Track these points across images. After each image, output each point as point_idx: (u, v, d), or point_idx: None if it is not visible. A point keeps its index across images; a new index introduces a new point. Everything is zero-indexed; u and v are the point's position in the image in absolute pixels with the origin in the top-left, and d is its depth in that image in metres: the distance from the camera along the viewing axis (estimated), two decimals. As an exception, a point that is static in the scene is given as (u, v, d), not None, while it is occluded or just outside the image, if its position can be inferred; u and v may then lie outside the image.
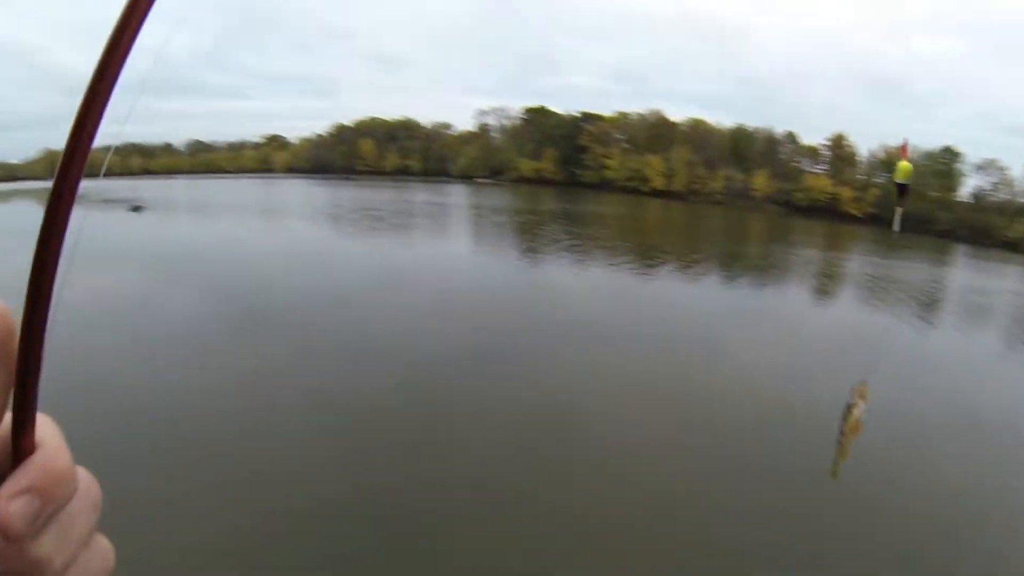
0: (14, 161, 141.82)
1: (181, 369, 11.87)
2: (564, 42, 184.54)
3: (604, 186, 79.69)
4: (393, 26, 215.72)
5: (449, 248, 28.01)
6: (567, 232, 32.09)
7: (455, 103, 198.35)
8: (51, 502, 0.38)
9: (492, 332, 13.74)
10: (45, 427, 0.41)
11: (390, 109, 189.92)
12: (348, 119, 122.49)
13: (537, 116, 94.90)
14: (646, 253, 27.15)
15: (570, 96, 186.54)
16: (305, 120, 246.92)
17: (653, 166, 76.27)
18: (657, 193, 74.02)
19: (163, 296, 18.78)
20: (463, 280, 19.95)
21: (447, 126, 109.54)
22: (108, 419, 9.10)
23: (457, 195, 65.06)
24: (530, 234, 32.53)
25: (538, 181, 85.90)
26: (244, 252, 27.46)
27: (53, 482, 0.38)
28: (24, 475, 0.37)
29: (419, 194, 63.19)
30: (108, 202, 55.26)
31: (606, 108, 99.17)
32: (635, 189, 76.11)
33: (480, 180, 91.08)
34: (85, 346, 12.39)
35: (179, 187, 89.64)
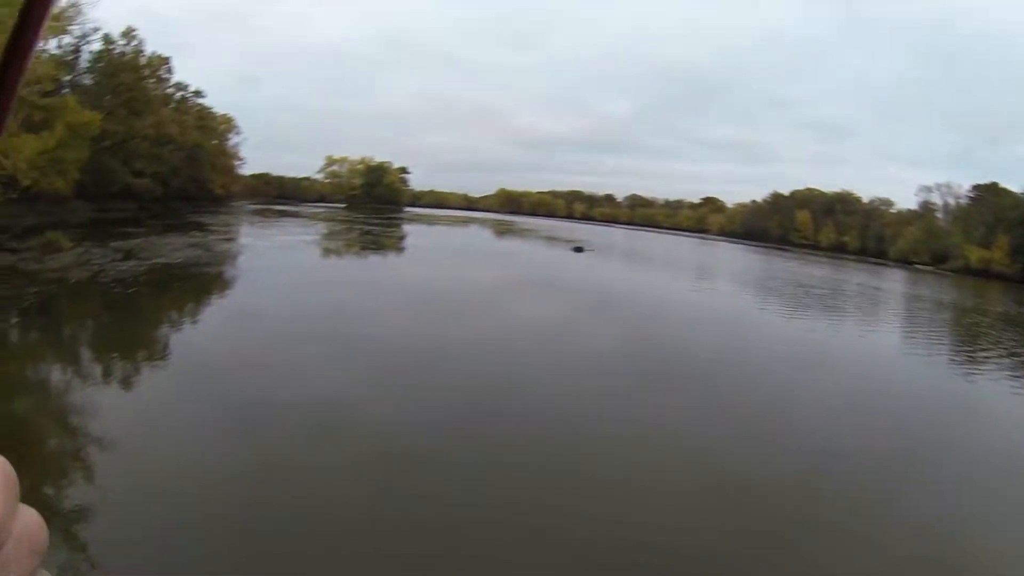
0: (475, 195, 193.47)
1: (593, 399, 12.21)
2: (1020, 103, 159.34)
3: (1070, 285, 64.25)
4: (837, 95, 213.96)
5: (878, 339, 25.72)
6: (1017, 343, 27.78)
7: (897, 176, 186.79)
8: None
9: (904, 441, 11.92)
10: None
11: (827, 179, 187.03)
12: (784, 188, 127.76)
13: (988, 195, 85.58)
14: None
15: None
16: (741, 185, 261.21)
17: None
18: None
19: (586, 326, 20.54)
20: (886, 376, 18.15)
21: (888, 203, 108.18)
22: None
23: (893, 280, 61.48)
24: (971, 338, 28.73)
25: (987, 274, 75.70)
26: (667, 300, 29.84)
27: None
28: None
29: (853, 274, 61.36)
30: (553, 239, 68.14)
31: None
32: (1114, 290, 59.09)
33: (919, 266, 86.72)
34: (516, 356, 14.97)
35: (617, 235, 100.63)
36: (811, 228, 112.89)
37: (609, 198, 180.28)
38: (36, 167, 32.04)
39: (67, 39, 46.27)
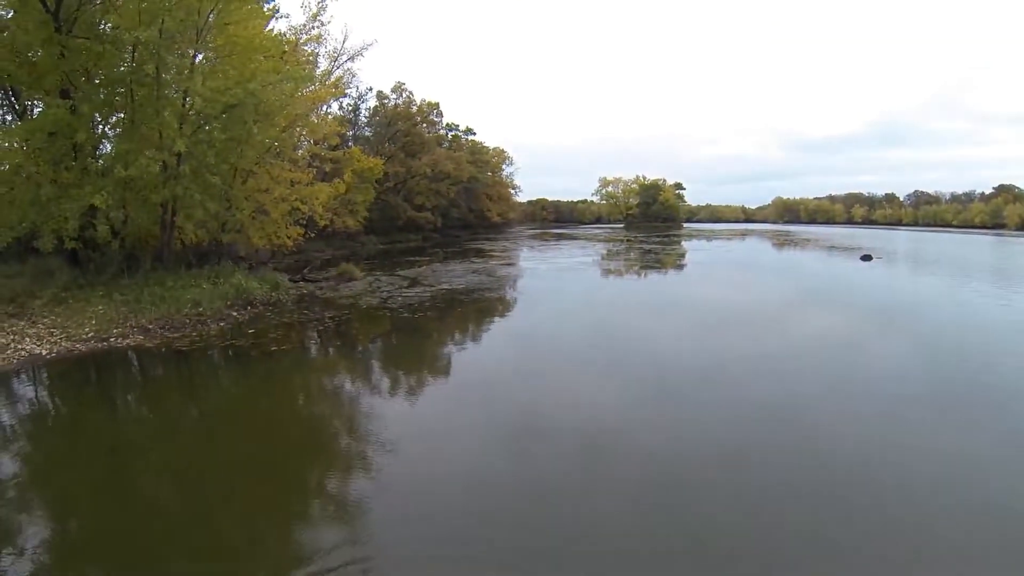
0: (751, 206, 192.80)
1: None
2: None
3: None
4: None
5: None
6: None
7: None
8: None
9: None
10: None
11: None
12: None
13: None
14: None
15: None
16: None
17: None
18: None
19: (882, 343, 15.68)
20: None
21: None
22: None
23: None
24: None
25: None
26: (970, 314, 20.19)
27: None
28: None
29: None
30: (833, 248, 56.50)
31: None
32: None
33: None
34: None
35: (901, 238, 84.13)
36: None
37: (890, 198, 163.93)
38: (330, 209, 35.38)
39: (346, 101, 52.80)
